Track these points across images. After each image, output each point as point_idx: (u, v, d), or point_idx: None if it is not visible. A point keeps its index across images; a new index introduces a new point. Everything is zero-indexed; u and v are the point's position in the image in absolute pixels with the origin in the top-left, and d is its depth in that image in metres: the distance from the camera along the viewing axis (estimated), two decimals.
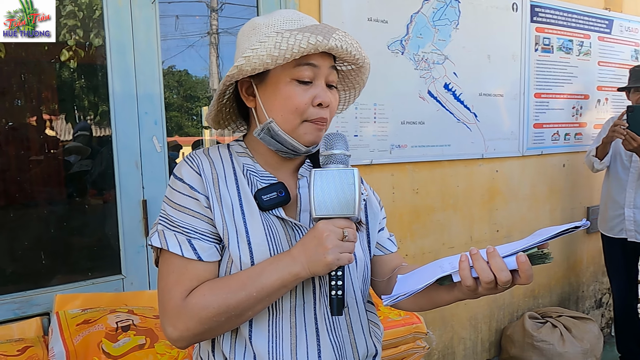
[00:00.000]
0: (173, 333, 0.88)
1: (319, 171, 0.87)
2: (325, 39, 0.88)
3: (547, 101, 3.20)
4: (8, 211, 1.82)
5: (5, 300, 1.66)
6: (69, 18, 1.86)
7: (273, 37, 0.87)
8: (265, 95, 0.94)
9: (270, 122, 0.93)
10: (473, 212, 2.90)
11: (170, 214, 0.92)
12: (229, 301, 0.86)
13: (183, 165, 0.94)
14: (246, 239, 0.91)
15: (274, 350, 0.91)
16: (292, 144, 0.94)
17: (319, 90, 0.92)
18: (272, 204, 0.94)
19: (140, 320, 1.61)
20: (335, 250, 0.84)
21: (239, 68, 0.88)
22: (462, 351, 2.98)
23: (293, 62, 0.90)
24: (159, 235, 0.91)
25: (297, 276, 0.86)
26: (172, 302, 0.88)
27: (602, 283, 3.74)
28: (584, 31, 3.33)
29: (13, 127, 1.87)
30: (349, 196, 0.86)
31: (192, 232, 0.90)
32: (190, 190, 0.91)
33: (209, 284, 0.89)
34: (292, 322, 0.93)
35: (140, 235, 1.87)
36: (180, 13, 2.30)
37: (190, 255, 0.89)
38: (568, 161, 3.39)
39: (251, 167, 0.98)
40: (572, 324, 3.00)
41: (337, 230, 0.85)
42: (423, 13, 2.54)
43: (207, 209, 0.91)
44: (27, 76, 1.92)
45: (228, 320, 0.87)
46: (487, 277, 0.78)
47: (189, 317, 0.86)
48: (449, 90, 2.69)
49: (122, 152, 1.83)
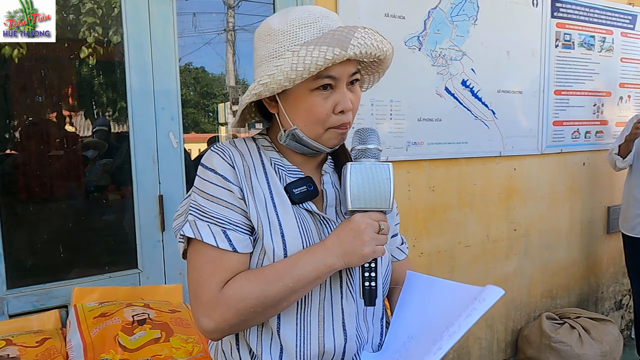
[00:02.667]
0: (209, 325, 0.87)
1: (355, 165, 0.88)
2: (343, 49, 0.85)
3: (568, 98, 3.13)
4: (28, 205, 1.86)
5: (25, 292, 1.69)
6: (88, 15, 1.88)
7: (289, 59, 0.85)
8: (287, 105, 0.93)
9: (295, 129, 0.93)
10: (490, 210, 2.86)
11: (202, 204, 0.90)
12: (266, 292, 0.85)
13: (214, 156, 0.93)
14: (279, 231, 0.91)
15: (302, 342, 0.92)
16: (317, 147, 0.95)
17: (339, 97, 0.91)
18: (303, 197, 0.94)
19: (156, 314, 1.62)
20: (372, 243, 0.86)
21: (266, 86, 0.87)
22: (478, 351, 2.95)
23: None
24: (190, 226, 0.90)
25: (331, 267, 0.87)
26: (208, 294, 0.87)
27: (623, 284, 3.66)
28: (607, 27, 3.26)
29: (33, 123, 1.90)
30: (385, 190, 0.87)
31: (227, 223, 0.89)
32: (223, 181, 0.90)
33: (245, 275, 0.89)
34: (321, 315, 0.93)
35: (157, 230, 1.89)
36: (197, 10, 2.31)
37: (225, 246, 0.88)
38: (588, 160, 3.32)
39: (279, 161, 0.98)
40: (591, 325, 2.94)
41: (374, 223, 0.87)
42: (441, 8, 2.51)
43: (241, 201, 0.91)
44: (47, 73, 1.94)
45: (264, 311, 0.87)
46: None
47: (227, 308, 0.86)
48: (467, 87, 2.65)
49: (139, 148, 1.84)
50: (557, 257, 3.24)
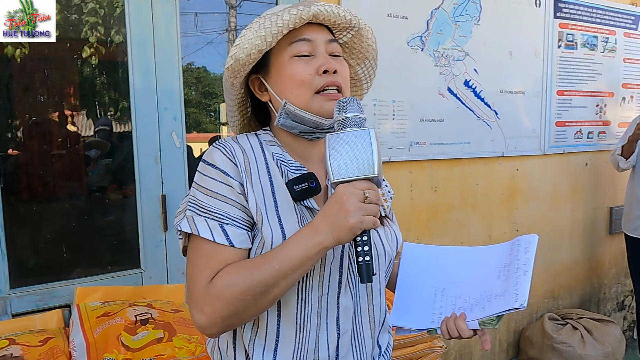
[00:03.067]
0: (201, 319, 0.85)
1: (332, 134, 0.84)
2: (306, 7, 0.89)
3: (570, 99, 3.13)
4: (31, 205, 1.86)
5: (28, 292, 1.69)
6: (90, 15, 1.88)
7: (257, 21, 0.91)
8: (272, 82, 0.95)
9: (285, 103, 0.93)
10: (492, 210, 2.86)
11: (200, 199, 0.89)
12: (253, 276, 0.83)
13: (215, 151, 0.92)
14: (279, 226, 0.89)
15: (300, 341, 0.91)
16: (313, 120, 0.93)
17: (321, 59, 0.92)
18: (304, 194, 0.92)
19: (158, 314, 1.62)
20: (357, 213, 0.80)
21: (234, 57, 0.91)
22: (480, 351, 2.94)
23: (287, 40, 0.92)
24: (188, 221, 0.89)
25: (320, 245, 0.83)
26: (199, 286, 0.85)
27: (625, 285, 3.66)
28: (609, 27, 3.26)
29: (36, 122, 1.90)
30: (367, 156, 0.82)
31: (225, 218, 0.88)
32: (223, 176, 0.89)
33: (233, 264, 0.86)
34: (319, 312, 0.92)
35: (159, 230, 1.89)
36: (199, 10, 2.31)
37: (221, 240, 0.87)
38: (591, 160, 3.32)
39: (281, 156, 0.97)
40: (593, 326, 2.94)
41: (357, 192, 0.81)
42: (443, 9, 2.50)
43: (241, 196, 0.89)
44: (49, 72, 1.95)
45: (254, 298, 0.83)
46: (454, 334, 0.96)
47: (215, 298, 0.83)
48: (469, 87, 2.65)
49: (142, 147, 1.84)
50: (559, 258, 3.24)
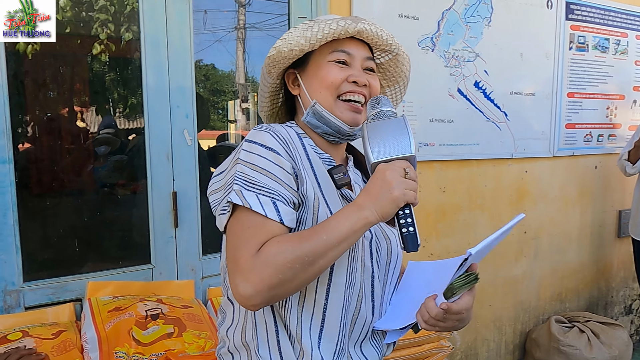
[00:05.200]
0: (246, 288, 0.83)
1: (370, 123, 0.91)
2: (354, 22, 0.96)
3: (581, 101, 3.12)
4: (44, 199, 1.88)
5: (41, 285, 1.71)
6: (101, 12, 1.90)
7: (307, 23, 0.97)
8: (307, 81, 1.02)
9: (315, 103, 0.99)
10: (501, 212, 2.86)
11: (251, 175, 0.89)
12: (302, 246, 0.84)
13: (263, 133, 0.93)
14: (328, 210, 0.94)
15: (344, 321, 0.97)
16: (336, 124, 0.99)
17: (354, 71, 0.99)
18: (343, 183, 0.99)
19: (168, 309, 1.64)
20: (400, 186, 0.84)
21: (277, 49, 0.97)
22: (486, 352, 2.94)
23: (329, 48, 0.99)
24: (237, 194, 0.88)
25: (366, 220, 0.86)
26: (246, 256, 0.85)
27: (633, 289, 3.64)
28: (621, 29, 3.24)
29: (51, 118, 1.93)
30: (404, 137, 0.88)
31: (277, 195, 0.89)
32: (276, 156, 0.91)
33: (281, 235, 0.87)
34: (360, 294, 0.99)
35: (170, 227, 1.91)
36: (209, 8, 2.32)
37: (273, 215, 0.87)
38: (600, 163, 3.30)
39: (314, 147, 1.02)
40: (600, 329, 2.93)
41: (398, 168, 0.86)
42: (455, 10, 2.50)
43: (290, 177, 0.91)
44: (64, 69, 1.97)
45: (302, 267, 0.84)
46: (424, 316, 0.93)
47: (264, 265, 0.83)
48: (479, 89, 2.65)
49: (154, 145, 1.86)
50: (567, 260, 3.23)
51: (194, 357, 1.45)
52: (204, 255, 1.99)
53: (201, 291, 1.97)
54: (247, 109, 2.75)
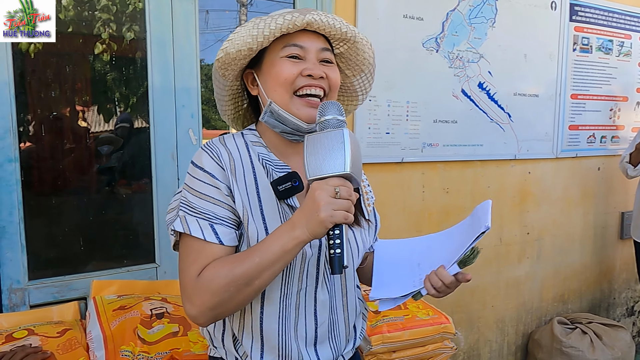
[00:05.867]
0: (191, 309, 0.92)
1: (310, 136, 0.90)
2: (302, 15, 0.94)
3: (584, 102, 3.12)
4: (49, 198, 1.89)
5: (46, 283, 1.72)
6: (103, 12, 1.90)
7: (253, 21, 0.96)
8: (263, 79, 1.01)
9: (271, 103, 0.98)
10: (503, 213, 2.86)
11: (191, 201, 0.95)
12: (235, 270, 0.89)
13: (202, 154, 0.97)
14: (263, 224, 0.95)
15: (283, 330, 0.99)
16: (293, 122, 0.98)
17: (309, 64, 0.97)
18: (287, 193, 0.97)
19: (173, 308, 1.64)
20: (327, 207, 0.84)
21: (225, 51, 0.97)
22: (488, 353, 2.95)
23: (281, 44, 0.97)
24: (180, 221, 0.95)
25: (297, 239, 0.87)
26: (188, 279, 0.92)
27: (635, 291, 3.64)
28: (625, 31, 3.24)
29: (56, 117, 1.93)
30: (339, 154, 0.86)
31: (214, 218, 0.94)
32: (211, 178, 0.94)
33: (218, 260, 0.92)
34: (297, 304, 1.00)
35: None
36: (213, 7, 2.33)
37: (211, 238, 0.92)
38: (603, 164, 3.30)
39: (266, 156, 1.02)
40: (602, 331, 2.93)
41: (328, 187, 0.85)
42: (459, 10, 2.51)
43: (228, 197, 0.95)
44: (67, 68, 1.97)
45: (237, 289, 0.89)
46: (437, 283, 0.99)
47: (202, 290, 0.90)
48: (483, 90, 2.65)
49: (159, 144, 1.87)
50: (569, 262, 3.23)
51: (199, 356, 1.45)
52: None
53: None
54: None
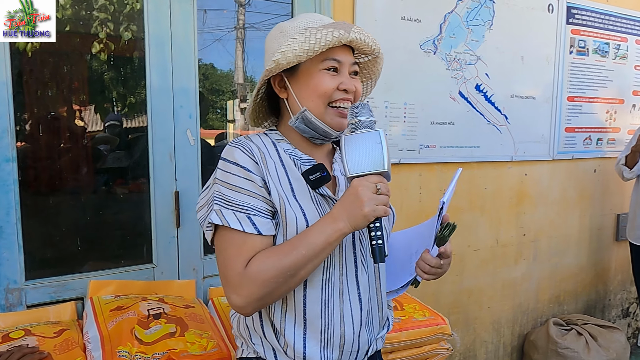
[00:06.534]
0: (237, 300, 0.96)
1: (347, 135, 0.97)
2: (347, 32, 1.01)
3: (580, 105, 3.13)
4: (47, 198, 1.88)
5: (43, 283, 1.72)
6: (100, 11, 1.90)
7: (303, 34, 1.00)
8: (297, 87, 1.06)
9: (304, 110, 1.04)
10: (500, 214, 2.87)
11: (227, 194, 0.99)
12: (283, 262, 0.94)
13: (234, 150, 1.01)
14: (301, 211, 1.00)
15: (326, 317, 1.03)
16: (324, 129, 1.05)
17: (344, 78, 1.05)
18: (319, 182, 1.03)
19: (170, 308, 1.65)
20: (370, 202, 0.92)
21: (277, 62, 1.01)
22: (484, 354, 2.96)
23: (320, 57, 1.03)
24: (217, 214, 0.98)
25: (340, 231, 0.94)
26: (234, 272, 0.96)
27: (630, 292, 3.66)
28: (621, 34, 3.25)
29: (53, 117, 1.93)
30: (378, 153, 0.94)
31: (251, 209, 0.98)
32: (245, 172, 0.99)
33: (264, 251, 0.97)
34: (341, 289, 1.04)
35: (172, 226, 1.91)
36: (211, 7, 2.33)
37: (250, 230, 0.97)
38: (599, 167, 3.32)
39: (292, 151, 1.08)
40: (598, 332, 2.94)
41: (369, 184, 0.93)
42: (457, 13, 2.51)
43: (262, 189, 0.99)
44: (65, 68, 1.97)
45: (285, 280, 0.95)
46: (425, 267, 1.08)
47: (251, 282, 0.94)
48: (480, 91, 2.66)
49: (157, 144, 1.86)
50: (565, 263, 3.25)
51: (196, 356, 1.45)
52: (206, 255, 2.00)
53: (202, 291, 1.98)
54: (246, 109, 2.75)
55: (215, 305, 1.87)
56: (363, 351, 1.11)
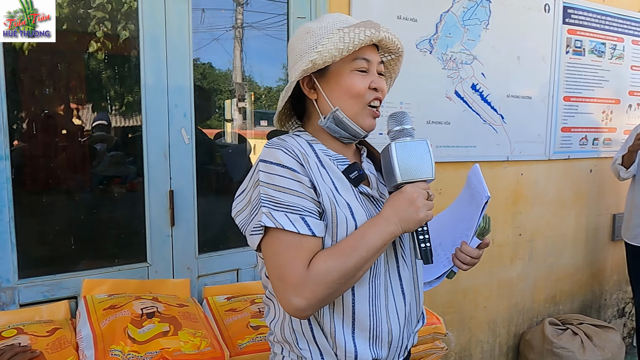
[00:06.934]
0: (300, 303, 0.94)
1: (398, 143, 1.00)
2: (377, 31, 1.03)
3: (577, 105, 3.14)
4: (40, 196, 1.87)
5: (36, 282, 1.71)
6: (98, 10, 1.89)
7: (337, 33, 1.01)
8: (328, 88, 1.06)
9: (336, 110, 1.05)
10: (496, 214, 2.87)
11: (275, 196, 0.97)
12: (347, 263, 0.95)
13: (276, 151, 1.00)
14: (349, 209, 1.01)
15: (374, 313, 1.04)
16: (355, 130, 1.07)
17: (373, 77, 1.07)
18: (357, 181, 1.06)
19: (164, 307, 1.64)
20: (424, 209, 0.98)
21: (314, 62, 1.01)
22: (480, 354, 2.96)
23: (351, 56, 1.04)
24: (267, 217, 0.96)
25: (392, 234, 0.98)
26: (296, 274, 0.95)
27: (626, 292, 3.66)
28: (618, 34, 3.26)
29: (47, 115, 1.92)
30: (427, 161, 1.00)
31: (304, 211, 0.97)
32: (292, 173, 0.98)
33: (325, 252, 0.97)
34: (386, 284, 1.07)
35: (167, 225, 1.90)
36: (206, 6, 2.32)
37: (305, 231, 0.96)
38: (595, 167, 3.32)
39: (326, 151, 1.09)
40: (593, 332, 2.95)
41: (422, 191, 0.99)
42: (453, 12, 2.51)
43: (311, 190, 0.99)
44: (60, 66, 1.96)
45: (347, 281, 0.96)
46: (465, 259, 1.15)
47: (316, 283, 0.94)
48: (476, 91, 2.66)
49: (152, 143, 1.86)
50: (561, 263, 3.25)
51: (190, 355, 1.45)
52: (200, 254, 1.99)
53: (197, 290, 1.97)
54: (244, 109, 2.74)
55: (210, 304, 1.86)
56: (404, 346, 1.13)
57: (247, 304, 1.84)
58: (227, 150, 2.55)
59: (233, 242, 2.28)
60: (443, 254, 1.16)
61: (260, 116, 2.70)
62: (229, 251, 2.09)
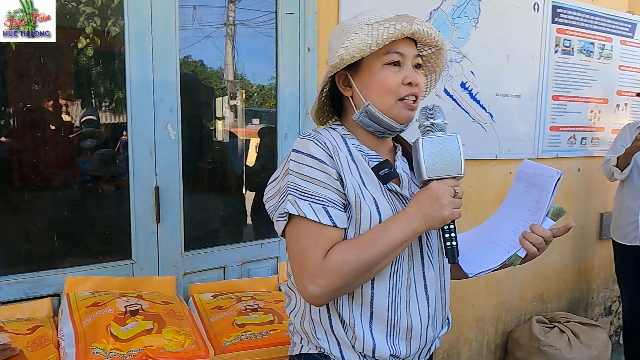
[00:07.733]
0: (315, 290, 0.96)
1: (425, 138, 0.98)
2: (409, 24, 1.01)
3: (565, 104, 3.15)
4: (23, 192, 1.85)
5: (17, 279, 1.68)
6: (87, 5, 1.87)
7: (365, 28, 1.00)
8: (361, 83, 1.06)
9: (368, 104, 1.05)
10: (485, 213, 2.85)
11: (302, 185, 0.99)
12: (364, 256, 0.95)
13: (308, 142, 1.01)
14: (375, 204, 1.01)
15: (393, 309, 1.04)
16: (388, 123, 1.05)
17: (408, 72, 1.04)
18: (387, 178, 1.05)
19: (148, 305, 1.62)
20: (450, 206, 0.96)
21: (341, 57, 1.01)
22: (468, 352, 2.96)
23: (383, 50, 1.02)
24: (292, 204, 0.99)
25: (415, 231, 0.97)
26: (314, 261, 0.97)
27: (613, 290, 3.69)
28: (606, 34, 3.28)
29: (30, 110, 1.89)
30: (456, 158, 0.97)
31: (326, 201, 0.99)
32: (321, 164, 0.99)
33: (344, 243, 0.99)
34: (408, 283, 1.05)
35: (152, 222, 1.88)
36: (197, 4, 2.30)
37: (326, 221, 0.97)
38: (583, 166, 3.34)
39: (359, 147, 1.09)
40: (580, 330, 2.96)
41: (449, 188, 0.97)
42: (442, 10, 2.51)
43: (337, 182, 1.00)
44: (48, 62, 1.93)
45: (363, 274, 0.97)
46: (538, 240, 1.04)
47: (331, 273, 0.95)
48: (466, 89, 2.66)
49: (137, 139, 1.83)
50: (549, 262, 3.27)
51: (173, 353, 1.43)
52: (186, 251, 1.97)
53: (182, 288, 1.96)
54: (235, 106, 2.73)
55: (196, 302, 1.85)
56: (427, 348, 1.12)
57: (234, 301, 1.83)
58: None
59: (220, 239, 2.27)
60: (504, 244, 1.10)
61: (251, 114, 2.69)
62: (216, 248, 2.08)
